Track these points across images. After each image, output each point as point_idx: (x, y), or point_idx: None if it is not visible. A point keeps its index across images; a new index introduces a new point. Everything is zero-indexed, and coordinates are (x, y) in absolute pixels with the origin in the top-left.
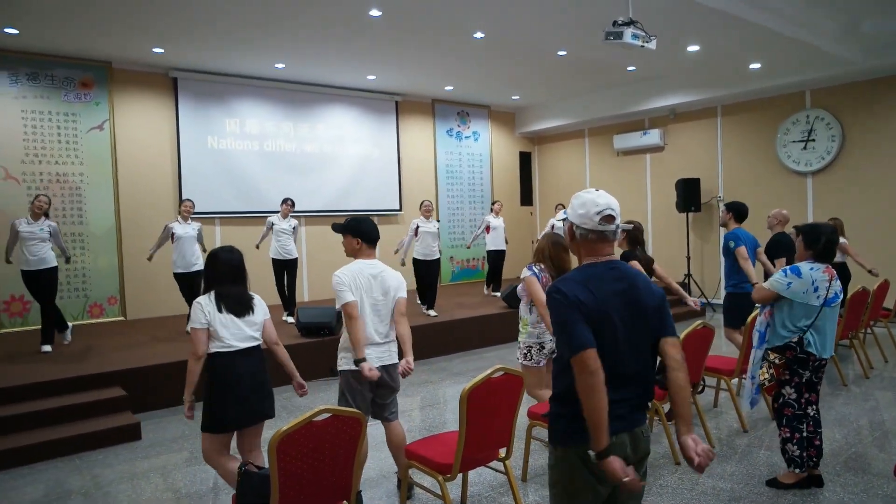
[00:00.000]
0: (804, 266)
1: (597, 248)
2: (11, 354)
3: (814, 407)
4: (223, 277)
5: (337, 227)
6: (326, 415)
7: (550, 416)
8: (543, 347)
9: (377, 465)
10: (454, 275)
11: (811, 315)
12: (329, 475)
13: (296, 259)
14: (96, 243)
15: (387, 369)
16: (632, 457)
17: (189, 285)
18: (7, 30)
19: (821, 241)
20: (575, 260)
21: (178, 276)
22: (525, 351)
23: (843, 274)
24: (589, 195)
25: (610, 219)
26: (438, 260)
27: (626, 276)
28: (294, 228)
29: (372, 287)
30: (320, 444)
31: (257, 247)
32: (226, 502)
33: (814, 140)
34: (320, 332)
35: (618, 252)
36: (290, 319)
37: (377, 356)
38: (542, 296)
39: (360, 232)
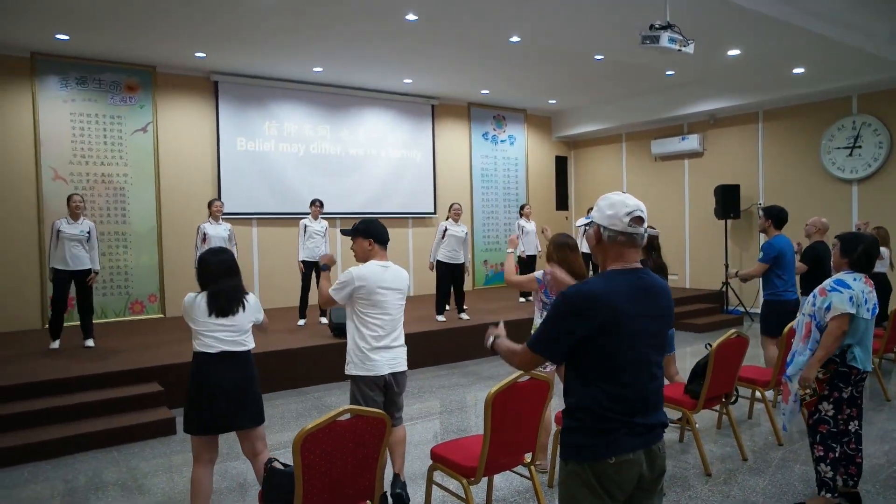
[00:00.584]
0: (847, 277)
1: (624, 254)
2: (55, 349)
3: (856, 422)
4: (217, 275)
5: (346, 231)
6: (350, 415)
7: (562, 430)
8: None
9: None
10: (488, 279)
11: (863, 328)
12: (353, 474)
13: None
14: (138, 242)
15: (395, 376)
16: (647, 475)
17: None
18: (59, 36)
19: (857, 250)
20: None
21: None
22: None
23: (884, 285)
24: (618, 196)
25: (639, 220)
26: (463, 265)
27: (652, 291)
28: (325, 230)
29: (392, 287)
30: (343, 443)
31: (302, 269)
32: (253, 498)
33: (860, 146)
34: None
35: None
36: (324, 320)
37: (387, 361)
38: (518, 279)
39: (370, 233)
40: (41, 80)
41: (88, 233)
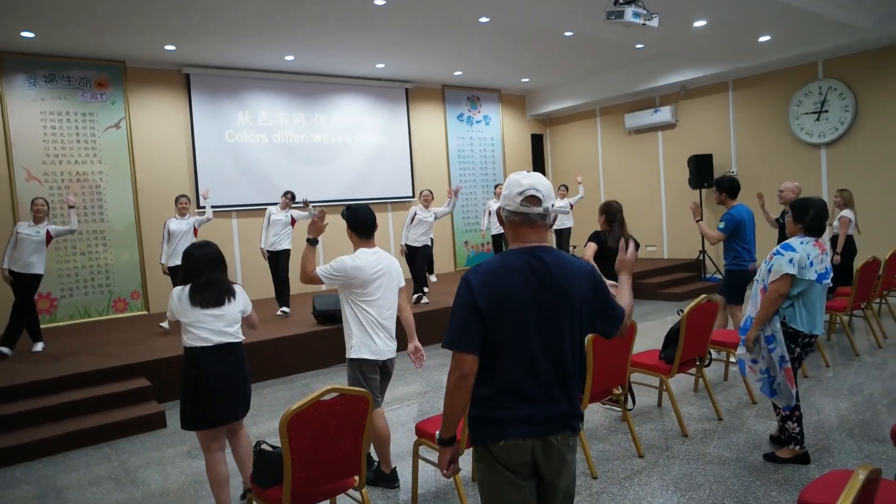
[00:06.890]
0: (794, 241)
1: (521, 233)
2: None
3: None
4: (200, 269)
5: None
6: (334, 394)
7: (469, 419)
8: None
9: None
10: (469, 259)
11: (806, 289)
12: (339, 452)
13: (287, 251)
14: (118, 239)
15: (390, 361)
16: (544, 466)
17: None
18: (24, 34)
19: (809, 214)
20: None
21: (173, 270)
22: None
23: (850, 247)
24: (515, 176)
25: (533, 200)
26: (426, 246)
27: (547, 267)
28: (289, 219)
29: (385, 274)
30: (328, 422)
31: (265, 256)
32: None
33: (827, 111)
34: (337, 320)
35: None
36: (287, 310)
37: (387, 347)
38: None
39: (350, 223)
40: (8, 80)
41: (48, 234)
